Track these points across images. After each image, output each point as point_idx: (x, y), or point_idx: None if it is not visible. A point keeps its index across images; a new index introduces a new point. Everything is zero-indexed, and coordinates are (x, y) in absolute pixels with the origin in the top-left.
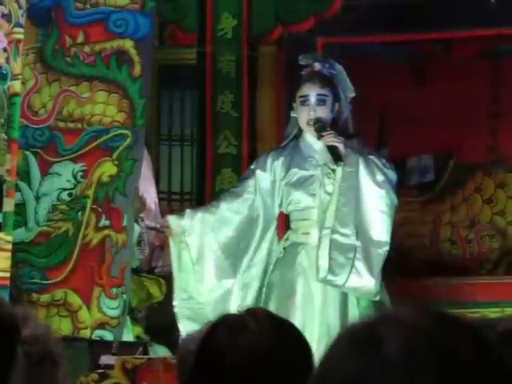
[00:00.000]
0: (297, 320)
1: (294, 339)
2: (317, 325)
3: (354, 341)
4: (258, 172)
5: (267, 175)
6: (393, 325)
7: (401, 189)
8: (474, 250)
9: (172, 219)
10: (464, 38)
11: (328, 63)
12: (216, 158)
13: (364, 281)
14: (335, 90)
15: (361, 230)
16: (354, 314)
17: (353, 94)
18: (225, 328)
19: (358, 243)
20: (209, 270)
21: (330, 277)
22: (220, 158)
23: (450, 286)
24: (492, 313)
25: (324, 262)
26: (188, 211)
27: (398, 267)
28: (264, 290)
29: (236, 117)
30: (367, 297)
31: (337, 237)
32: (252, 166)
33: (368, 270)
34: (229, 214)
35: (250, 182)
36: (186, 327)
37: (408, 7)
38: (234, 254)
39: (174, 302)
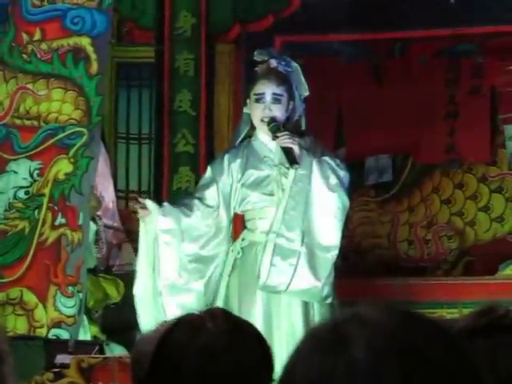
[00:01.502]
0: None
1: (251, 339)
2: (284, 335)
3: (319, 341)
4: (219, 178)
5: (225, 178)
6: (358, 324)
7: (359, 189)
8: (431, 250)
9: (148, 201)
10: (421, 38)
11: (284, 60)
12: (173, 156)
13: (308, 284)
14: (290, 89)
15: (308, 235)
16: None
17: (307, 93)
18: (183, 328)
19: (302, 249)
20: (172, 266)
21: (269, 283)
22: (177, 156)
23: (407, 286)
24: (449, 313)
25: (265, 268)
26: (166, 204)
27: (356, 267)
28: (221, 292)
29: (194, 115)
30: (314, 300)
31: (281, 241)
32: (208, 173)
33: (313, 275)
34: (202, 227)
35: (214, 191)
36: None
37: (365, 7)
38: (200, 260)
39: (135, 289)
